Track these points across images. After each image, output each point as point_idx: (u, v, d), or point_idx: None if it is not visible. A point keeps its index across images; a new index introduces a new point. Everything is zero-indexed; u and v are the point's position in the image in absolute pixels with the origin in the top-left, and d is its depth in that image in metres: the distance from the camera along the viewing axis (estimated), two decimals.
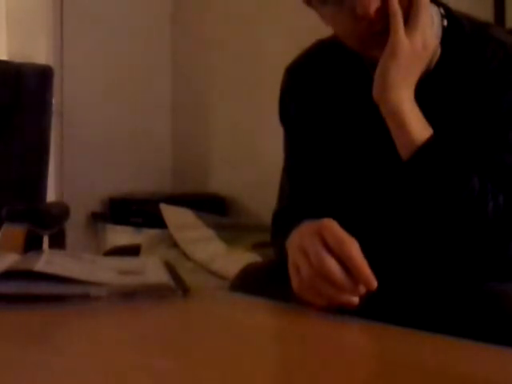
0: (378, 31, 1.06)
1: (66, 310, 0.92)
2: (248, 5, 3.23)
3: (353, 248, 0.92)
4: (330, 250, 0.92)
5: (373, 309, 0.94)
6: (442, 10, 1.15)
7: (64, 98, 3.35)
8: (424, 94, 1.08)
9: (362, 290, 0.92)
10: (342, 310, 0.93)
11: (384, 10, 1.04)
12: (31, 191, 2.34)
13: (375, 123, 1.12)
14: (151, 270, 1.12)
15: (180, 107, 3.66)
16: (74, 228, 2.90)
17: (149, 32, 3.61)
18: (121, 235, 3.20)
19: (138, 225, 3.14)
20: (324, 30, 1.18)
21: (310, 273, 0.93)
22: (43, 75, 2.42)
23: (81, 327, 0.87)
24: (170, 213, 2.87)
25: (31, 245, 2.03)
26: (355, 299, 0.92)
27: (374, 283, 0.91)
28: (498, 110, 1.09)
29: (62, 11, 3.41)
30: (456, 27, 1.14)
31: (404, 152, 1.07)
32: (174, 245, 2.70)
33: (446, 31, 1.14)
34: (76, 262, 1.12)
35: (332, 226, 0.94)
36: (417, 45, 1.05)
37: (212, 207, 3.15)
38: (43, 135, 2.39)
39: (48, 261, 1.06)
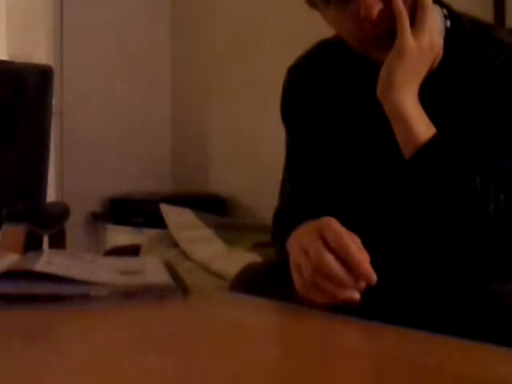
0: (381, 33, 1.06)
1: (66, 310, 0.92)
2: (248, 5, 3.23)
3: (351, 243, 0.92)
4: (329, 246, 0.92)
5: (373, 308, 0.94)
6: (445, 11, 1.15)
7: (64, 98, 3.35)
8: (426, 94, 1.08)
9: (363, 284, 0.92)
10: (342, 310, 0.93)
11: (387, 12, 1.04)
12: (31, 191, 2.34)
13: (378, 123, 1.12)
14: (151, 270, 1.12)
15: (180, 107, 3.66)
16: (74, 228, 2.90)
17: (149, 33, 3.60)
18: (121, 235, 3.20)
19: (138, 225, 3.14)
20: (325, 30, 1.18)
21: (310, 270, 0.93)
22: (43, 75, 2.42)
23: (81, 327, 0.87)
24: (169, 213, 2.87)
25: (31, 245, 2.03)
26: (356, 295, 0.93)
27: (374, 277, 0.91)
28: (500, 111, 1.09)
29: (62, 11, 3.40)
30: (458, 28, 1.14)
31: (407, 151, 1.07)
32: (174, 245, 2.70)
33: (448, 32, 1.14)
34: (76, 262, 1.12)
35: (331, 224, 0.94)
36: (424, 46, 1.05)
37: (212, 207, 3.15)
38: (43, 135, 2.39)
39: (48, 261, 1.06)
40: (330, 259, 0.91)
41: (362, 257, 0.92)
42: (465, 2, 1.53)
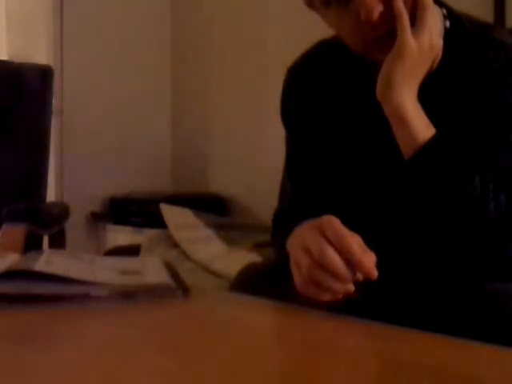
0: (382, 35, 1.06)
1: (66, 310, 0.92)
2: (248, 5, 3.23)
3: (353, 242, 0.92)
4: (331, 244, 0.92)
5: (373, 308, 0.94)
6: (445, 11, 1.15)
7: (64, 98, 3.35)
8: (426, 94, 1.09)
9: (359, 276, 0.92)
10: (341, 310, 0.93)
11: (387, 14, 1.05)
12: (31, 191, 2.34)
13: (377, 123, 1.12)
14: (151, 270, 1.12)
15: (180, 107, 3.66)
16: (74, 228, 2.90)
17: (149, 32, 3.61)
18: (121, 235, 3.20)
19: (138, 225, 3.14)
20: (324, 30, 1.18)
21: (311, 264, 0.93)
22: (43, 75, 2.42)
23: (81, 327, 0.87)
24: (169, 213, 2.87)
25: (31, 245, 2.03)
26: (351, 286, 0.93)
27: (375, 273, 0.91)
28: (500, 111, 1.09)
29: (62, 11, 3.40)
30: (458, 28, 1.14)
31: (406, 151, 1.07)
32: (174, 245, 2.70)
33: (448, 32, 1.14)
34: (76, 262, 1.12)
35: (332, 221, 0.94)
36: (423, 46, 1.05)
37: (212, 207, 3.15)
38: (43, 135, 2.40)
39: (48, 261, 1.06)
40: (332, 254, 0.91)
41: (363, 254, 0.92)
42: (465, 2, 1.53)
